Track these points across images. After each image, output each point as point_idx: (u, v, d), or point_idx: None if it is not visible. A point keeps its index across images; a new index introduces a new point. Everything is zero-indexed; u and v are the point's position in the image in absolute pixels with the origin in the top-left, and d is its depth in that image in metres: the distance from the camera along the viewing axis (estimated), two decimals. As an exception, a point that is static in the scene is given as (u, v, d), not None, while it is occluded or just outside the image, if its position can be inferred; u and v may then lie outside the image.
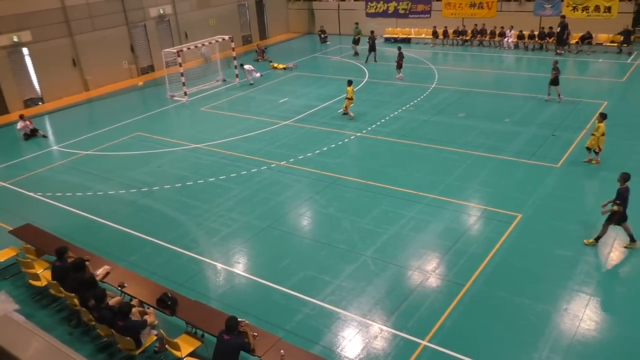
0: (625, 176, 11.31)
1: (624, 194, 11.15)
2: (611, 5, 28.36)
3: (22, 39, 25.31)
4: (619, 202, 11.11)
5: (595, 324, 9.49)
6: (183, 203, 15.01)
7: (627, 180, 11.29)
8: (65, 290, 10.05)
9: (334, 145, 18.29)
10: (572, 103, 20.80)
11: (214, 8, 34.66)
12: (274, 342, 8.44)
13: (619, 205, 11.11)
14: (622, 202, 11.09)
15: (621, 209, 11.13)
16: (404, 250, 12.03)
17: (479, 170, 15.69)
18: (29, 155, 19.93)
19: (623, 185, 11.25)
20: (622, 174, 11.39)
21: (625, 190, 11.19)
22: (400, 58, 25.57)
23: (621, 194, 11.16)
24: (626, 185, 11.24)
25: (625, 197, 11.15)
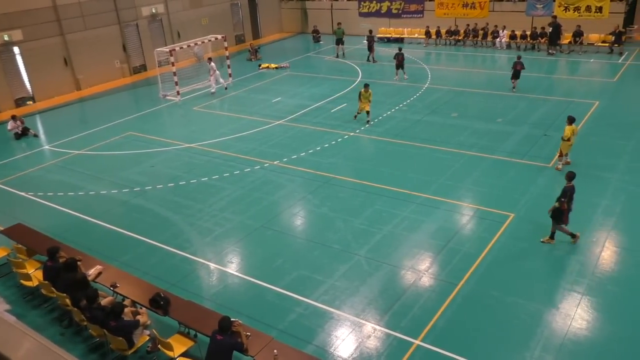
0: (570, 175, 11.51)
1: (567, 191, 11.32)
2: (602, 5, 28.56)
3: (13, 37, 25.14)
4: (563, 200, 11.27)
5: (586, 323, 9.54)
6: (176, 203, 14.96)
7: (572, 178, 11.47)
8: (56, 290, 9.99)
9: (327, 144, 18.30)
10: (564, 103, 20.92)
11: (206, 7, 34.58)
12: (267, 342, 8.43)
13: (561, 202, 11.28)
14: (565, 199, 11.26)
15: (564, 206, 11.29)
16: (397, 249, 12.05)
17: (472, 170, 15.74)
18: (20, 154, 19.80)
19: (569, 183, 11.42)
20: (568, 172, 11.59)
21: (570, 188, 11.38)
22: (400, 58, 25.38)
23: (565, 191, 11.34)
24: (572, 184, 11.41)
25: (569, 195, 11.32)
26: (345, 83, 25.82)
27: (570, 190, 11.39)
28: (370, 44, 29.63)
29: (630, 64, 26.09)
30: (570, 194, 11.38)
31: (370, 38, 29.75)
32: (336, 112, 21.75)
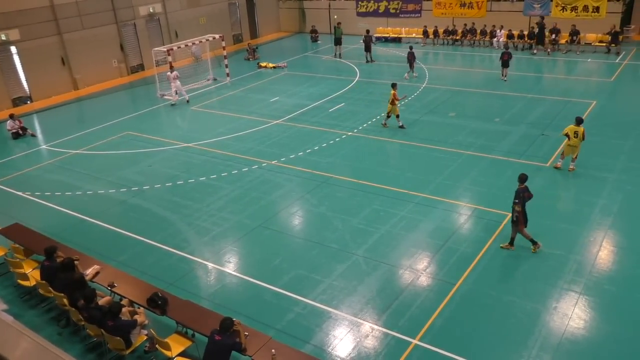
0: (522, 176, 11.46)
1: (519, 193, 11.24)
2: (600, 5, 28.58)
3: (10, 37, 25.10)
4: (517, 201, 11.22)
5: (584, 322, 9.56)
6: (174, 202, 14.95)
7: (524, 180, 11.40)
8: (54, 290, 9.98)
9: (325, 144, 18.29)
10: (561, 102, 20.95)
11: (204, 7, 34.55)
12: (265, 342, 8.42)
13: (517, 204, 11.22)
14: (519, 202, 11.20)
15: (520, 209, 11.22)
16: (395, 249, 12.05)
17: (470, 169, 15.75)
18: (17, 154, 19.76)
19: (521, 185, 11.35)
20: (520, 175, 11.52)
21: (522, 190, 11.29)
22: (411, 56, 25.45)
23: (517, 193, 11.27)
24: (524, 186, 11.33)
25: (522, 196, 11.23)
26: (343, 83, 25.82)
27: (523, 192, 11.27)
28: (367, 43, 29.56)
29: (627, 63, 26.14)
30: (523, 196, 11.25)
31: (367, 38, 29.68)
32: (334, 111, 21.75)
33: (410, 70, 25.78)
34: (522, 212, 11.30)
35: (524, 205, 11.29)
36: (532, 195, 11.47)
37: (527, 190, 11.37)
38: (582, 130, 14.65)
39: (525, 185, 11.38)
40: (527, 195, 11.34)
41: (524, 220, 11.40)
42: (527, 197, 11.32)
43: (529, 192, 11.38)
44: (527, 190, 11.36)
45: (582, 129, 14.66)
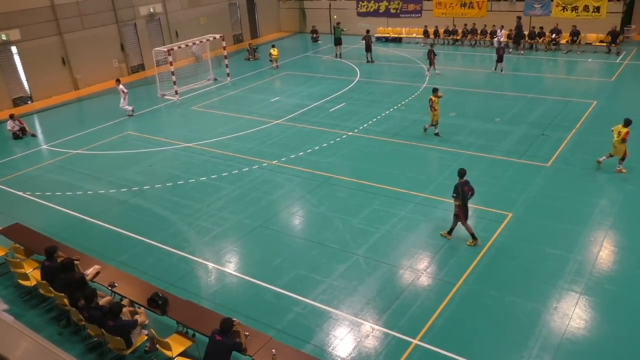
0: (460, 171, 11.77)
1: (457, 187, 11.57)
2: (600, 5, 28.59)
3: (10, 37, 25.11)
4: (454, 195, 11.59)
5: (584, 322, 9.55)
6: (174, 202, 14.95)
7: (462, 175, 11.68)
8: (54, 290, 9.98)
9: (326, 144, 18.29)
10: (562, 102, 20.94)
11: (204, 7, 34.55)
12: (266, 342, 8.42)
13: (455, 198, 11.58)
14: (457, 196, 11.54)
15: (459, 202, 11.57)
16: (395, 249, 12.05)
17: (470, 169, 15.56)
18: (18, 154, 19.77)
19: (460, 179, 11.66)
20: (459, 169, 11.85)
21: (460, 184, 11.58)
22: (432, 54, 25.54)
23: (455, 187, 11.61)
24: (463, 180, 11.65)
25: (460, 190, 11.55)
26: (344, 83, 25.83)
27: (461, 186, 11.56)
28: (368, 43, 29.50)
29: (628, 63, 26.13)
30: (462, 190, 11.51)
31: (367, 38, 29.61)
32: (334, 111, 21.75)
33: (431, 67, 25.88)
34: (462, 206, 11.65)
35: (465, 200, 11.61)
36: (474, 191, 11.78)
37: (467, 184, 11.67)
38: (624, 131, 14.47)
39: (465, 180, 11.68)
40: (467, 189, 11.61)
41: (464, 213, 11.75)
42: (466, 192, 11.59)
43: (469, 186, 11.67)
44: (467, 185, 11.66)
45: (624, 130, 14.47)
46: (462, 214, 11.78)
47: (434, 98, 17.68)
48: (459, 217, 11.82)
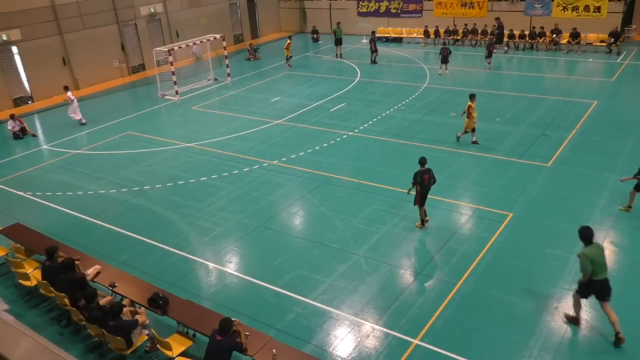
0: (421, 160, 12.34)
1: (416, 175, 12.23)
2: (601, 5, 28.58)
3: (11, 37, 25.11)
4: (412, 182, 12.27)
5: (585, 322, 9.54)
6: (174, 202, 14.96)
7: (423, 163, 12.30)
8: (55, 290, 9.98)
9: (326, 144, 18.29)
10: (562, 102, 20.93)
11: (205, 7, 34.55)
12: (266, 342, 8.42)
13: (413, 184, 12.30)
14: (415, 182, 12.25)
15: (417, 189, 12.27)
16: (396, 249, 12.05)
17: (470, 169, 15.75)
18: (18, 154, 19.78)
19: (421, 167, 12.26)
20: (420, 158, 12.43)
21: (419, 172, 12.19)
22: (445, 52, 25.56)
23: (414, 174, 12.26)
24: (424, 169, 12.20)
25: (417, 178, 12.19)
26: (344, 83, 25.83)
27: (420, 174, 12.13)
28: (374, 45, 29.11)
29: (628, 63, 26.12)
30: (421, 178, 12.08)
31: (372, 39, 29.26)
32: (335, 111, 21.75)
33: (444, 65, 25.85)
34: (420, 192, 12.31)
35: (423, 187, 12.22)
36: (435, 179, 12.37)
37: (428, 173, 12.21)
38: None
39: (427, 168, 12.24)
40: (427, 177, 12.17)
41: (421, 199, 12.38)
42: (425, 180, 12.16)
43: (429, 175, 12.22)
44: (427, 173, 12.21)
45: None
46: (419, 198, 12.40)
47: (471, 104, 16.73)
48: (417, 202, 12.44)
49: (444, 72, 25.90)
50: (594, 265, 8.75)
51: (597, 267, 8.78)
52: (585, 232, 9.00)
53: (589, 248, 8.89)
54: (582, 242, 9.02)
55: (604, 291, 8.96)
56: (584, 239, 9.00)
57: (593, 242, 9.00)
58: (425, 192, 12.30)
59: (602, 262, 8.86)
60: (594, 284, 8.90)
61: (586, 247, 8.92)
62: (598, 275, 8.82)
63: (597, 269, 8.79)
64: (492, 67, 26.56)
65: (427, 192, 12.36)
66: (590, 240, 8.98)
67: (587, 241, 8.97)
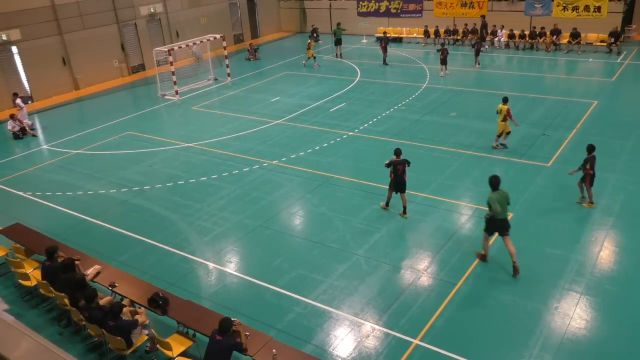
0: (396, 151, 13.07)
1: (392, 162, 13.00)
2: (601, 5, 28.58)
3: (11, 37, 25.11)
4: (387, 164, 13.13)
5: (585, 322, 9.54)
6: (174, 202, 14.95)
7: (398, 155, 12.99)
8: (55, 290, 9.98)
9: (326, 144, 18.29)
10: (562, 102, 20.93)
11: (205, 7, 34.55)
12: (266, 342, 8.42)
13: (387, 165, 13.11)
14: (388, 166, 13.09)
15: (391, 175, 13.12)
16: (395, 249, 12.05)
17: (471, 169, 15.75)
18: (18, 154, 19.78)
19: (397, 158, 12.95)
20: (395, 149, 13.18)
21: (395, 161, 12.92)
22: (445, 53, 25.59)
23: (390, 161, 13.04)
24: (400, 159, 12.93)
25: (393, 166, 12.95)
26: (344, 83, 25.83)
27: (395, 163, 12.91)
28: (385, 45, 28.70)
29: (628, 63, 26.11)
30: (395, 167, 12.91)
31: (384, 39, 28.80)
32: (335, 111, 21.75)
33: (443, 66, 25.84)
34: (393, 180, 13.13)
35: (397, 177, 13.00)
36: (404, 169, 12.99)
37: (403, 164, 12.96)
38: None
39: (402, 159, 12.94)
40: (400, 168, 12.93)
41: (394, 187, 13.21)
42: (400, 170, 12.94)
43: (404, 166, 12.98)
44: (402, 165, 12.95)
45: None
46: (392, 185, 13.25)
47: (503, 107, 16.33)
48: (390, 187, 13.35)
49: (445, 72, 25.89)
50: None
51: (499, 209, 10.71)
52: (494, 180, 10.90)
53: (495, 193, 10.81)
54: (491, 188, 10.89)
55: (503, 227, 10.92)
56: (492, 185, 10.90)
57: (499, 189, 10.87)
58: (398, 181, 13.06)
59: (503, 205, 10.80)
60: (496, 222, 10.89)
61: (493, 193, 10.83)
62: (499, 215, 10.72)
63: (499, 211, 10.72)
64: (480, 65, 26.99)
65: (400, 182, 13.07)
66: (497, 187, 10.87)
67: (495, 187, 10.89)
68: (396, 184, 13.15)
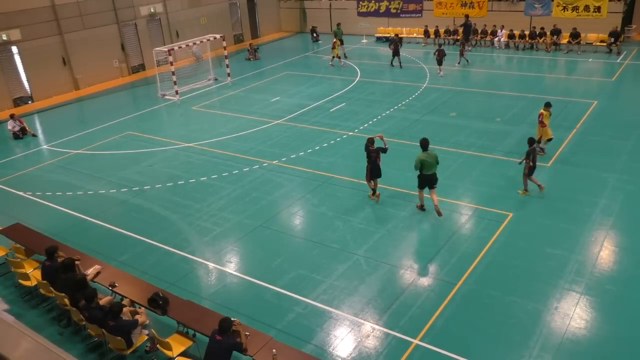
0: (370, 139, 13.80)
1: (367, 149, 13.71)
2: (601, 5, 28.59)
3: (11, 37, 25.11)
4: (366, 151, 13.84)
5: (585, 322, 9.55)
6: (174, 202, 14.95)
7: (372, 143, 13.71)
8: (55, 290, 9.98)
9: (326, 144, 18.29)
10: (562, 102, 20.92)
11: (205, 7, 34.55)
12: (266, 342, 8.42)
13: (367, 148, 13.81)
14: (365, 150, 13.75)
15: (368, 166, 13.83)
16: (396, 249, 12.05)
17: (471, 169, 15.75)
18: (18, 154, 19.78)
19: (371, 147, 13.67)
20: (368, 138, 13.92)
21: (369, 149, 13.64)
22: (441, 53, 25.62)
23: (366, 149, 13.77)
24: (374, 148, 13.66)
25: (367, 154, 13.67)
26: (344, 83, 25.83)
27: (370, 150, 13.62)
28: (396, 47, 27.76)
29: (628, 63, 26.11)
30: (370, 155, 13.63)
31: (396, 41, 28.06)
32: (335, 111, 21.75)
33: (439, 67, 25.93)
34: (368, 167, 13.80)
35: (371, 164, 13.68)
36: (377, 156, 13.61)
37: (378, 153, 13.64)
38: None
39: (377, 148, 13.65)
40: (374, 155, 13.61)
41: (369, 175, 13.92)
42: (373, 156, 13.61)
43: (377, 154, 13.63)
44: (377, 153, 13.64)
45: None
46: (368, 174, 13.91)
47: (544, 112, 15.76)
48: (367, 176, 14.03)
49: (441, 73, 25.93)
50: (423, 165, 12.87)
51: (426, 166, 12.89)
52: (423, 142, 13.06)
53: (423, 154, 12.95)
54: (421, 148, 13.01)
55: (430, 182, 13.07)
56: (421, 147, 13.05)
57: (428, 150, 13.01)
58: (372, 169, 13.78)
59: (430, 163, 12.89)
60: (424, 177, 13.09)
61: (422, 153, 12.94)
62: (427, 171, 12.94)
63: (426, 168, 12.91)
64: (460, 65, 27.26)
65: (374, 168, 13.76)
66: (426, 148, 13.03)
67: (423, 149, 13.03)
68: (372, 171, 13.85)
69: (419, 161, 12.90)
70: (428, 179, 13.07)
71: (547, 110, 15.86)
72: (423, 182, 13.22)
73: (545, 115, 15.81)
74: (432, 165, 12.94)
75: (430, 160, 12.90)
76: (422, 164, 12.87)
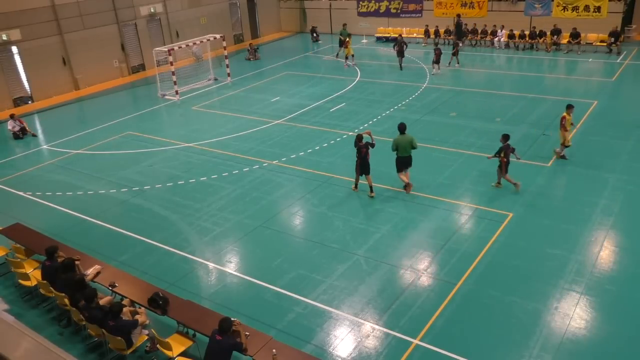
0: (358, 136, 14.18)
1: (356, 145, 14.09)
2: (601, 5, 28.59)
3: (11, 37, 25.11)
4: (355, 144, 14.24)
5: (585, 322, 9.54)
6: (174, 202, 14.95)
7: (360, 139, 14.08)
8: (55, 290, 9.98)
9: (326, 144, 18.29)
10: (562, 102, 20.86)
11: (205, 7, 34.55)
12: (266, 342, 8.42)
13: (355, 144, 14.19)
14: (355, 146, 14.16)
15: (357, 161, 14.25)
16: (396, 249, 12.05)
17: (471, 169, 15.74)
18: (18, 154, 19.78)
19: (359, 142, 14.04)
20: (357, 134, 14.33)
21: (359, 145, 14.01)
22: (438, 52, 25.80)
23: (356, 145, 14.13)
24: (363, 143, 14.04)
25: (357, 150, 14.06)
26: (344, 83, 25.83)
27: (359, 146, 13.98)
28: (400, 48, 27.33)
29: (628, 63, 26.11)
30: (359, 149, 14.00)
31: (400, 42, 27.63)
32: (335, 111, 21.75)
33: (436, 65, 26.06)
34: (358, 162, 14.24)
35: (361, 159, 14.09)
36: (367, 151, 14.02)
37: (367, 148, 14.02)
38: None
39: (365, 143, 14.03)
40: (364, 150, 14.00)
41: (358, 169, 14.32)
42: (363, 152, 14.02)
43: (367, 150, 14.03)
44: (366, 148, 14.02)
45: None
46: (357, 168, 14.33)
47: (567, 116, 15.35)
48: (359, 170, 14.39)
49: (437, 71, 26.09)
50: (398, 147, 13.98)
51: (400, 149, 14.00)
52: (400, 126, 14.17)
53: (399, 137, 14.03)
54: (399, 132, 14.09)
55: (405, 163, 14.19)
56: (399, 130, 14.14)
57: (405, 133, 14.04)
58: (361, 164, 14.18)
59: (405, 146, 13.93)
60: (400, 159, 14.17)
61: (398, 136, 14.04)
62: (402, 153, 14.05)
63: (400, 150, 14.02)
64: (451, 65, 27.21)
65: (364, 164, 14.15)
66: (403, 132, 14.07)
67: (400, 132, 14.09)
68: (361, 166, 14.23)
69: (394, 143, 14.05)
70: (404, 161, 14.18)
71: (570, 113, 15.40)
72: (400, 165, 14.27)
73: (568, 119, 15.35)
74: (406, 147, 13.98)
75: (404, 144, 13.93)
76: (397, 146, 13.99)
